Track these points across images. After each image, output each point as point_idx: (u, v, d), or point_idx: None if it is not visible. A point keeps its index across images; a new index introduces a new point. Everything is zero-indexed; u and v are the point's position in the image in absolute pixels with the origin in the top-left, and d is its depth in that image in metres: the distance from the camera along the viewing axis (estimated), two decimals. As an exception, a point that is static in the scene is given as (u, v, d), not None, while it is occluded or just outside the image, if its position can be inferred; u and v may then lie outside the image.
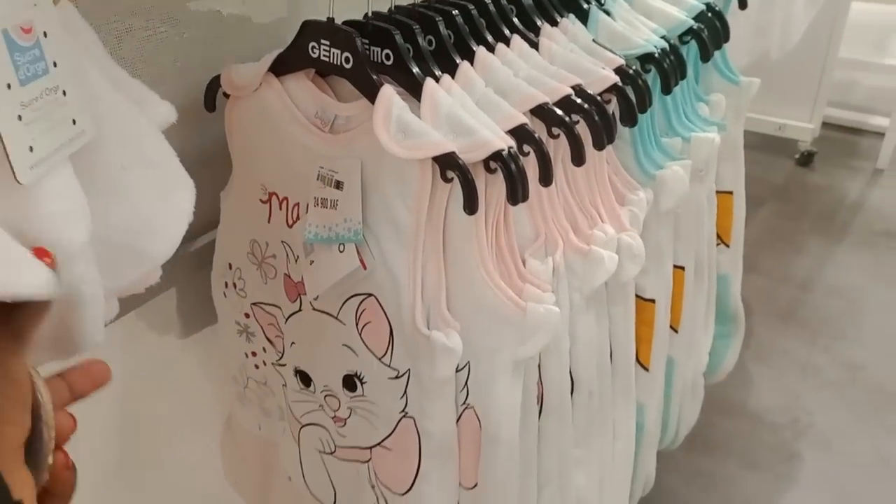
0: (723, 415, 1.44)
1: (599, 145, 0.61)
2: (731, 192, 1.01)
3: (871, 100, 2.68)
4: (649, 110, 0.73)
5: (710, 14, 0.83)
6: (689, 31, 0.78)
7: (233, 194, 0.70)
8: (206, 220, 0.75)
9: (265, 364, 0.76)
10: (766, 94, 2.30)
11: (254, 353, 0.76)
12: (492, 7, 0.64)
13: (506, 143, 0.54)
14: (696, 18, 0.81)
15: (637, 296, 0.82)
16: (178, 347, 0.88)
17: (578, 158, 0.59)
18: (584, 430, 0.71)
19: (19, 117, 0.29)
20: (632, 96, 0.65)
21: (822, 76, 2.24)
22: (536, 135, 0.57)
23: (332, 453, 0.72)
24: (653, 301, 0.83)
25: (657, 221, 0.78)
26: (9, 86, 0.28)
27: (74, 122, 0.33)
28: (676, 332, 0.93)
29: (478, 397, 0.61)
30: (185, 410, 0.94)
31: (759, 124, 2.30)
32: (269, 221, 0.67)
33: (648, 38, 0.73)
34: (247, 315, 0.74)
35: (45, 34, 0.30)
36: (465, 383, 0.61)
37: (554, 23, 0.70)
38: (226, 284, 0.75)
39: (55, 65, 0.30)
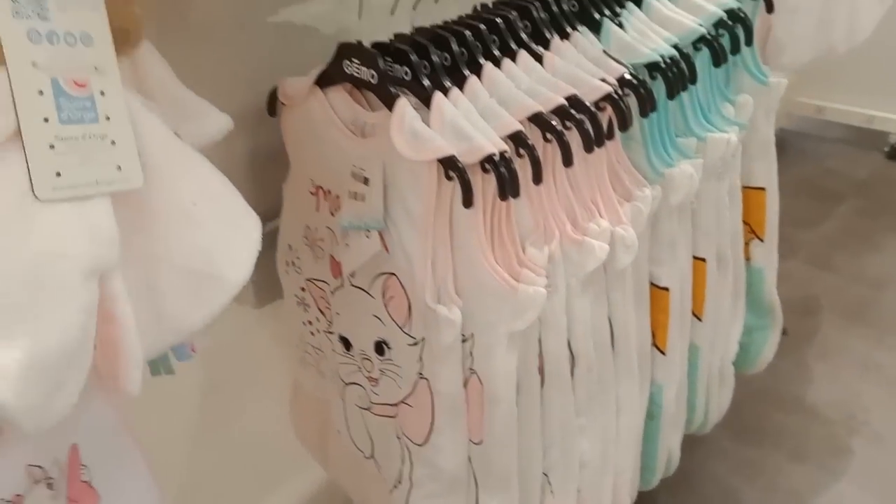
0: (777, 408, 1.47)
1: (588, 149, 0.70)
2: (763, 189, 1.06)
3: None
4: (660, 112, 0.81)
5: (730, 21, 0.88)
6: (701, 38, 0.84)
7: (290, 186, 0.84)
8: (275, 207, 0.88)
9: (318, 332, 0.89)
10: (855, 84, 2.25)
11: (309, 322, 0.89)
12: (503, 26, 0.74)
13: (497, 147, 0.64)
14: (716, 25, 0.87)
15: (652, 284, 0.90)
16: (254, 316, 1.02)
17: (567, 161, 0.68)
18: (586, 401, 0.80)
19: (51, 146, 0.37)
20: (626, 104, 0.73)
21: (914, 65, 2.16)
22: (529, 140, 0.67)
23: (368, 409, 0.84)
24: (667, 289, 0.90)
25: (668, 215, 0.86)
26: (46, 119, 0.37)
27: (120, 168, 0.40)
28: (700, 320, 1.00)
29: (480, 364, 0.72)
30: (259, 373, 1.09)
31: (848, 115, 2.24)
32: (317, 210, 0.80)
33: (657, 48, 0.80)
34: (302, 289, 0.87)
35: (101, 93, 0.40)
36: (471, 352, 0.72)
37: (565, 36, 0.78)
38: (287, 262, 0.88)
39: (108, 118, 0.40)
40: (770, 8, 0.98)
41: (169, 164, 0.44)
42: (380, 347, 0.78)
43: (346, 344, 0.83)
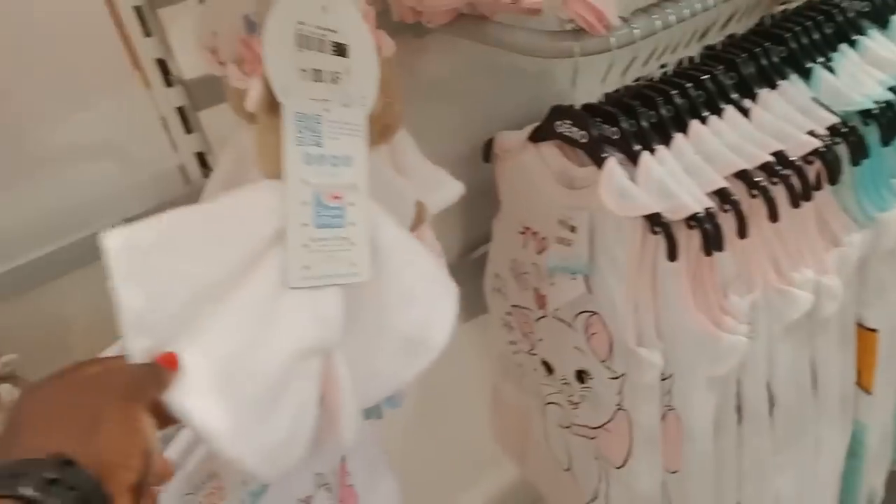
0: None
1: (795, 204, 0.72)
2: None
3: None
4: (872, 156, 0.80)
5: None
6: (922, 80, 0.81)
7: (501, 224, 0.92)
8: (483, 235, 0.98)
9: (521, 351, 0.97)
10: None
11: (513, 342, 0.98)
12: (709, 81, 0.77)
13: (701, 205, 0.68)
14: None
15: (859, 325, 0.89)
16: (460, 330, 1.13)
17: (773, 217, 0.71)
18: (783, 440, 0.82)
19: (305, 245, 0.46)
20: (836, 156, 0.74)
21: None
22: (734, 196, 0.70)
23: (567, 428, 0.91)
24: (875, 331, 0.89)
25: (878, 259, 0.84)
26: (305, 224, 0.46)
27: (354, 264, 0.48)
28: (911, 359, 0.97)
29: (679, 402, 0.76)
30: (465, 380, 1.20)
31: None
32: (524, 247, 0.88)
33: (870, 93, 0.79)
34: (508, 313, 0.96)
35: (351, 204, 0.47)
36: (669, 390, 0.77)
37: (774, 86, 0.80)
38: (494, 288, 0.97)
39: (353, 224, 0.47)
40: None
41: (397, 256, 0.52)
42: (581, 376, 0.85)
43: (548, 368, 0.91)
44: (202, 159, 0.78)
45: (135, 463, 0.37)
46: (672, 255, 0.70)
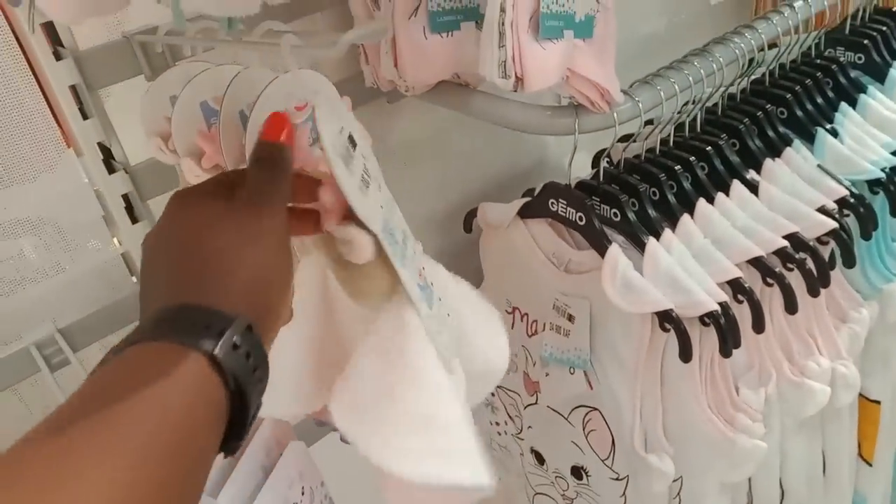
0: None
1: (814, 293, 0.66)
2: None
3: None
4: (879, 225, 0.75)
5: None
6: (927, 143, 0.77)
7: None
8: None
9: (506, 433, 0.90)
10: None
11: (497, 423, 0.90)
12: (713, 152, 0.71)
13: (718, 301, 0.62)
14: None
15: (862, 395, 0.84)
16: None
17: (791, 307, 0.65)
18: (794, 532, 0.77)
19: (437, 332, 0.44)
20: (850, 234, 0.68)
21: None
22: (748, 286, 0.64)
23: (561, 521, 0.84)
24: (878, 402, 0.84)
25: (883, 330, 0.80)
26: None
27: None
28: (909, 423, 0.93)
29: (689, 505, 0.70)
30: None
31: None
32: (512, 328, 0.80)
33: (877, 159, 0.74)
34: (492, 394, 0.88)
35: (431, 283, 0.45)
36: (678, 493, 0.70)
37: (778, 153, 0.74)
38: (474, 365, 0.89)
39: (439, 300, 0.45)
40: None
41: (459, 304, 0.50)
42: (577, 472, 0.78)
43: (539, 458, 0.83)
44: (150, 251, 0.68)
45: (286, 312, 0.39)
46: (686, 355, 0.63)
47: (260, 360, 0.34)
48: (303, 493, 0.59)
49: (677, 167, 0.69)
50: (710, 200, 0.68)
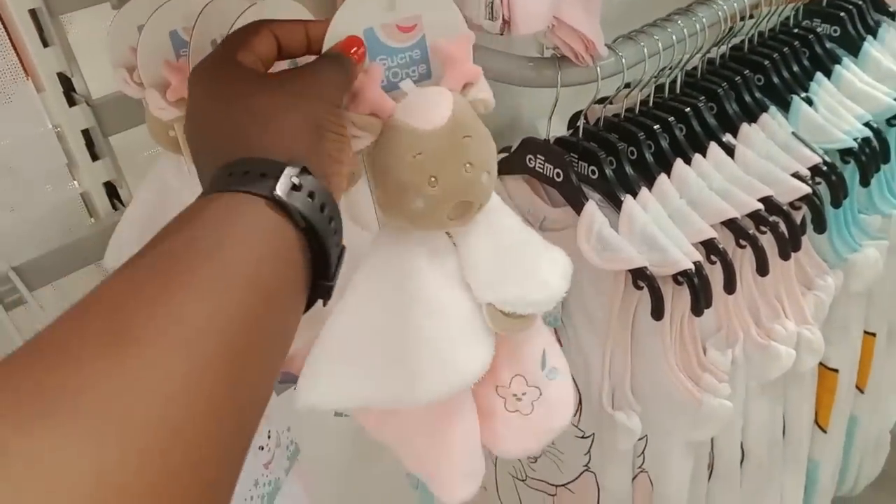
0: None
1: (785, 256, 0.67)
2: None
3: None
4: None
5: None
6: (897, 116, 0.78)
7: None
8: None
9: (470, 393, 0.89)
10: None
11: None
12: (691, 114, 0.70)
13: (692, 261, 0.62)
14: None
15: (821, 364, 0.86)
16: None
17: (763, 269, 0.65)
18: (752, 494, 0.78)
19: None
20: (822, 200, 0.69)
21: None
22: (721, 247, 0.64)
23: (523, 480, 0.84)
24: (836, 370, 0.86)
25: (846, 300, 0.81)
26: None
27: None
28: (862, 392, 0.95)
29: (652, 465, 0.71)
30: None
31: None
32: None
33: (850, 129, 0.75)
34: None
35: None
36: (643, 451, 0.71)
37: (754, 118, 0.74)
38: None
39: None
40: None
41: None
42: (542, 430, 0.78)
43: (504, 416, 0.83)
44: (112, 190, 0.65)
45: (347, 172, 0.39)
46: (658, 313, 0.63)
47: (325, 198, 0.35)
48: (269, 437, 0.58)
49: (656, 126, 0.69)
50: (688, 161, 0.68)
